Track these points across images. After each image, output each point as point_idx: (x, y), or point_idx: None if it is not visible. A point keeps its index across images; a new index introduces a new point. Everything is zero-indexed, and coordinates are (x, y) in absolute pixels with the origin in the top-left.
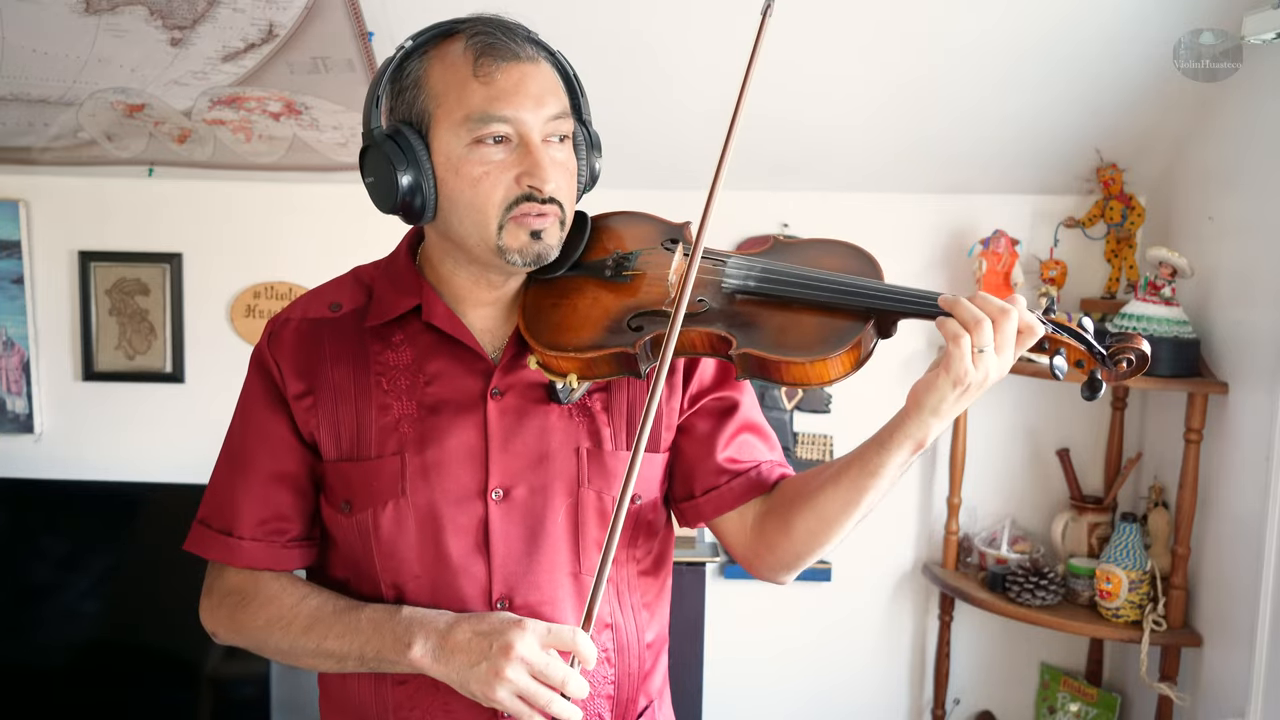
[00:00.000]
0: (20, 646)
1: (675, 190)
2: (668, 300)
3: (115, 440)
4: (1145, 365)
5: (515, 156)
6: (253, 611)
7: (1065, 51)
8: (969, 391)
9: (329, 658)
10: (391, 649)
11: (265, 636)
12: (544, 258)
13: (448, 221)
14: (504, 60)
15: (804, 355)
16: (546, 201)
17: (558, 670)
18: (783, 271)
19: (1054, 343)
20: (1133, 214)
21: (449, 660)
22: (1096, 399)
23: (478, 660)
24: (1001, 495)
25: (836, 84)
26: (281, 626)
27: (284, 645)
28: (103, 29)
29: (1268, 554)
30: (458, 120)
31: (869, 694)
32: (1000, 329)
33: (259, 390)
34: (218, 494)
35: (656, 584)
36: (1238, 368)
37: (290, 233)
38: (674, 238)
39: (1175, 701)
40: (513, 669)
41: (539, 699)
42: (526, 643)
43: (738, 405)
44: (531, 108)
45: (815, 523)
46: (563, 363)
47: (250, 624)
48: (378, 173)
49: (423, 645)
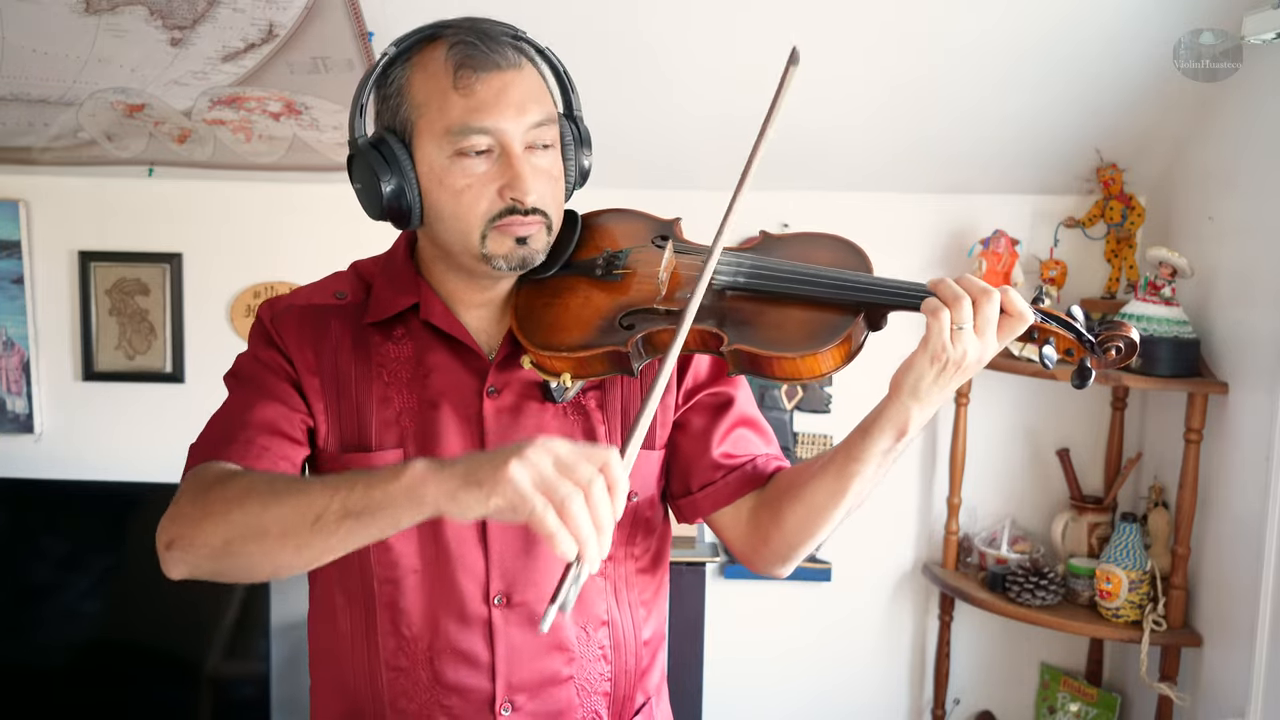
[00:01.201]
0: (20, 646)
1: (670, 190)
2: (659, 298)
3: (115, 440)
4: (1134, 353)
5: (497, 168)
6: (227, 485)
7: (1065, 51)
8: (947, 370)
9: (304, 516)
10: (385, 478)
11: (235, 506)
12: (529, 262)
13: (434, 230)
14: (484, 71)
15: (794, 350)
16: (530, 213)
17: (586, 470)
18: (771, 267)
19: (1043, 332)
20: (1133, 214)
21: (452, 466)
22: (1086, 387)
23: (489, 457)
24: (1001, 495)
25: (836, 84)
26: (259, 494)
27: (253, 510)
28: (103, 29)
29: (1268, 554)
30: (439, 132)
31: (869, 694)
32: (981, 309)
33: (267, 354)
34: (229, 418)
35: (654, 582)
36: (1238, 368)
37: (290, 233)
38: (664, 234)
39: (1175, 701)
40: (535, 451)
41: (558, 492)
42: (556, 442)
43: (733, 400)
44: (512, 117)
45: (805, 513)
46: (556, 362)
47: (220, 496)
48: (364, 180)
49: (424, 463)
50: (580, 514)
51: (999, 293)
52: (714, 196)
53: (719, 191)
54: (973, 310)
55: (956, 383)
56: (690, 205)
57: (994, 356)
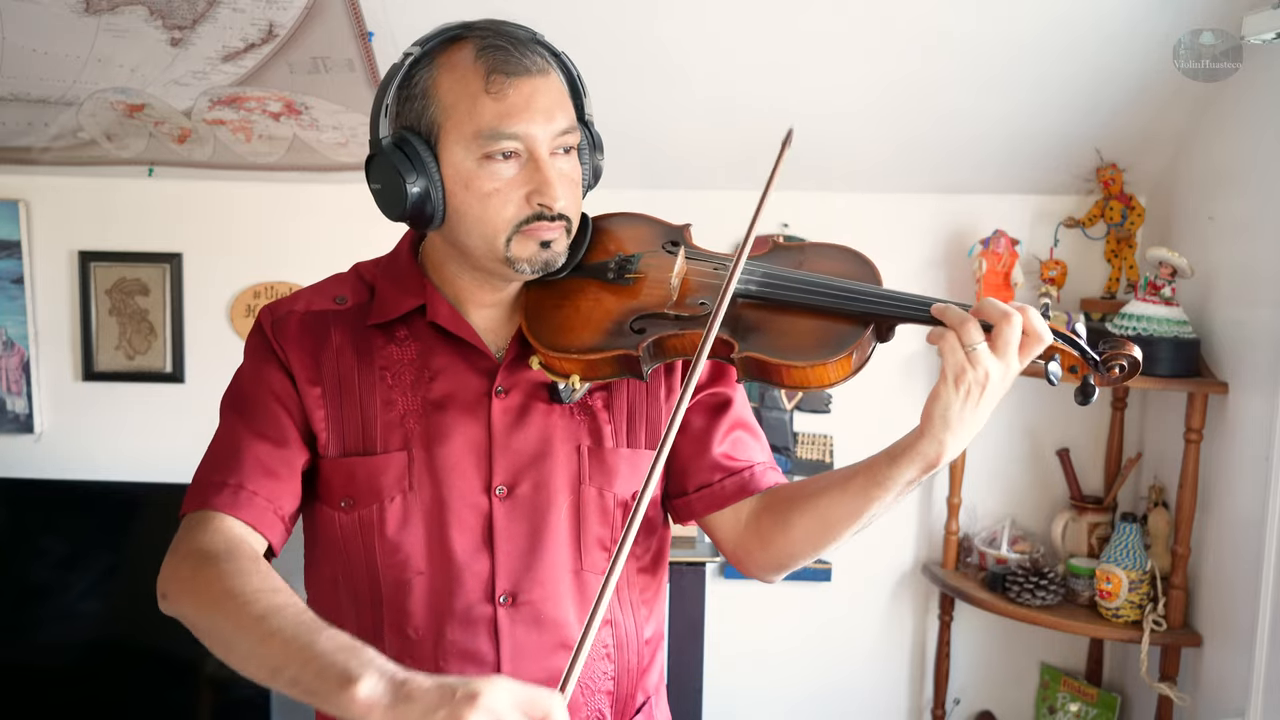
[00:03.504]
0: (20, 646)
1: (680, 190)
2: (669, 303)
3: (115, 440)
4: (1137, 371)
5: (525, 174)
6: (217, 574)
7: (1065, 51)
8: (972, 395)
9: (263, 661)
10: (336, 678)
11: (216, 608)
12: (551, 265)
13: (455, 231)
14: (516, 75)
15: (804, 359)
16: (556, 218)
17: None
18: (783, 276)
19: (1049, 348)
20: (1133, 214)
21: (400, 706)
22: (1089, 404)
23: (435, 707)
24: (1001, 495)
25: (836, 83)
26: (237, 604)
27: (228, 626)
28: (103, 29)
29: (1268, 554)
30: (468, 135)
31: (869, 694)
32: (1001, 331)
33: (264, 372)
34: (222, 451)
35: (655, 581)
36: (1238, 368)
37: (290, 233)
38: (675, 240)
39: (1175, 701)
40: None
41: None
42: (496, 696)
43: (730, 402)
44: (542, 123)
45: (816, 525)
46: (565, 364)
47: (209, 588)
48: (385, 180)
49: (374, 683)
50: None
51: (1019, 314)
52: (719, 197)
53: (725, 191)
54: (993, 331)
55: (986, 407)
56: (702, 206)
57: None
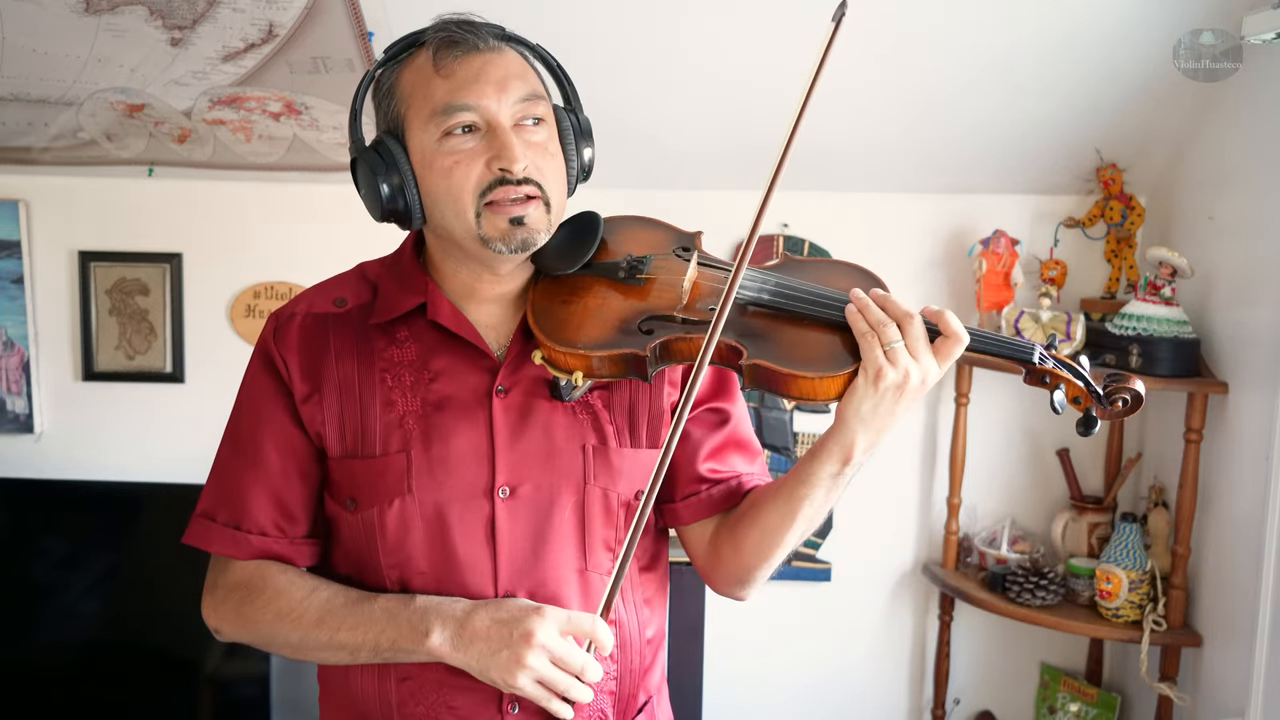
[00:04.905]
0: (20, 646)
1: (683, 190)
2: (679, 307)
3: (115, 440)
4: (1139, 405)
5: (484, 143)
6: (261, 605)
7: (1065, 51)
8: (889, 395)
9: (341, 650)
10: (408, 638)
11: (274, 631)
12: (530, 243)
13: (434, 219)
14: (463, 52)
15: (812, 370)
16: (522, 183)
17: (577, 657)
18: (796, 287)
19: (1054, 378)
20: (1133, 214)
21: (468, 648)
22: (1091, 435)
23: (499, 648)
24: (1001, 495)
25: (837, 84)
26: (291, 620)
27: (294, 639)
28: (103, 29)
29: (1268, 554)
30: (425, 117)
31: (869, 694)
32: (906, 331)
33: (265, 384)
34: (222, 487)
35: (656, 580)
36: (1238, 368)
37: (290, 233)
38: (686, 245)
39: (1175, 701)
40: (534, 656)
41: (559, 685)
42: (546, 630)
43: (729, 418)
44: (493, 93)
45: (758, 535)
46: (570, 359)
47: (258, 618)
48: (365, 184)
49: (441, 633)
50: (581, 694)
51: (918, 315)
52: (719, 197)
53: (726, 192)
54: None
55: (902, 407)
56: (702, 206)
57: (942, 375)
